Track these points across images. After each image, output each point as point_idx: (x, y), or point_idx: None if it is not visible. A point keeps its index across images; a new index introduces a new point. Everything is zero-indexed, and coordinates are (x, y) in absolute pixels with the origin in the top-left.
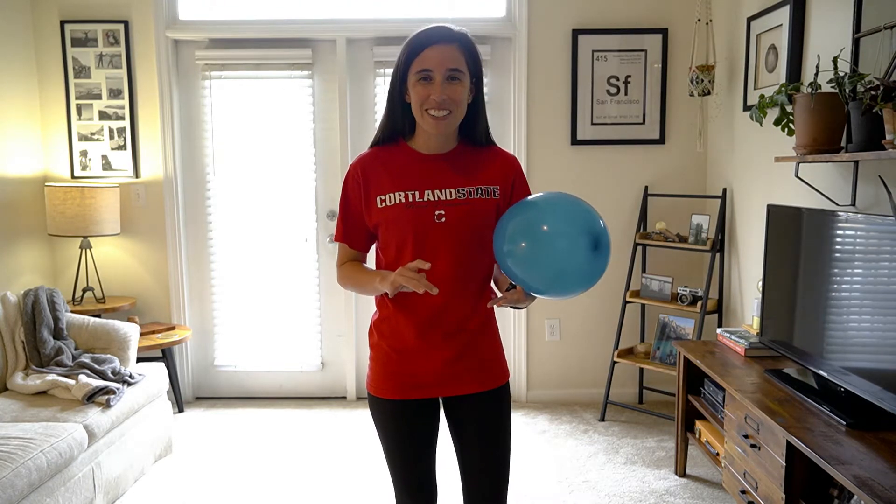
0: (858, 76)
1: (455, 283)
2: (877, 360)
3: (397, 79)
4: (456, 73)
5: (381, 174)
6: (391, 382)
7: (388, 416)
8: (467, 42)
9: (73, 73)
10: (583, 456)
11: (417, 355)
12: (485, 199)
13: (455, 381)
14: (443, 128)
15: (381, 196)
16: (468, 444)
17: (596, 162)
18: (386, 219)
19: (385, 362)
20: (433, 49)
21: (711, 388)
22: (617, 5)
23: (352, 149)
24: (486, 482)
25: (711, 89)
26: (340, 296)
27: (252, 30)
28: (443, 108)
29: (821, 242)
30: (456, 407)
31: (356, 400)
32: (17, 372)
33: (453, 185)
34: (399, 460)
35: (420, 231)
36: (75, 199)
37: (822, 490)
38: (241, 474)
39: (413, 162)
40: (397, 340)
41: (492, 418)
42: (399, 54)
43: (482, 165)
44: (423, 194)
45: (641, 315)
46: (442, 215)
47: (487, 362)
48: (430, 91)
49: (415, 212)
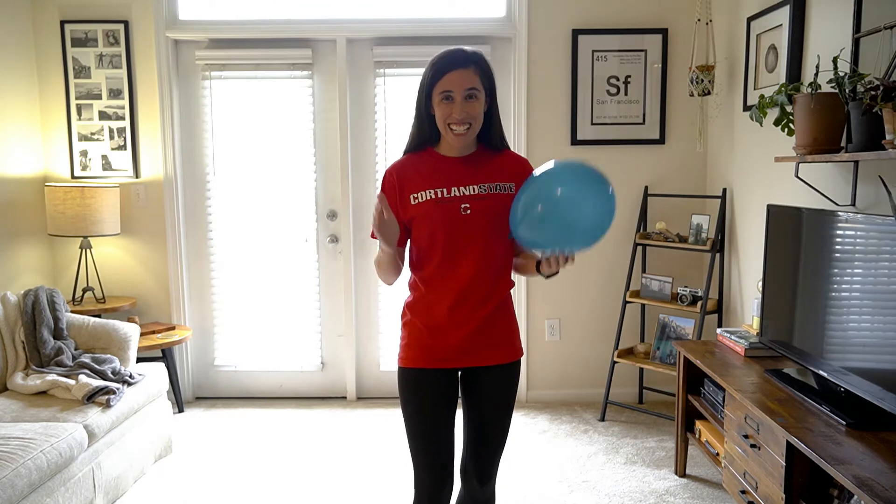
0: (858, 76)
1: (479, 266)
2: (877, 360)
3: (423, 95)
4: (473, 91)
5: (413, 176)
6: (423, 354)
7: (417, 383)
8: (482, 63)
9: (73, 73)
10: (583, 456)
11: (447, 330)
12: (503, 193)
13: (476, 353)
14: (463, 140)
15: (414, 194)
16: (477, 408)
17: (596, 162)
18: (419, 213)
19: (418, 337)
20: (453, 74)
21: (711, 388)
22: (617, 5)
23: (352, 149)
24: (488, 442)
25: (711, 89)
26: (340, 296)
27: (252, 30)
28: (463, 123)
29: (821, 242)
30: (473, 377)
31: (356, 400)
32: (17, 372)
33: (475, 181)
34: (422, 431)
35: (449, 222)
36: (75, 199)
37: (822, 490)
38: (241, 474)
39: (440, 164)
40: (430, 318)
41: (504, 389)
42: (423, 74)
43: (499, 166)
44: (450, 191)
45: (641, 315)
46: (467, 208)
47: (505, 338)
48: (451, 109)
49: (444, 206)
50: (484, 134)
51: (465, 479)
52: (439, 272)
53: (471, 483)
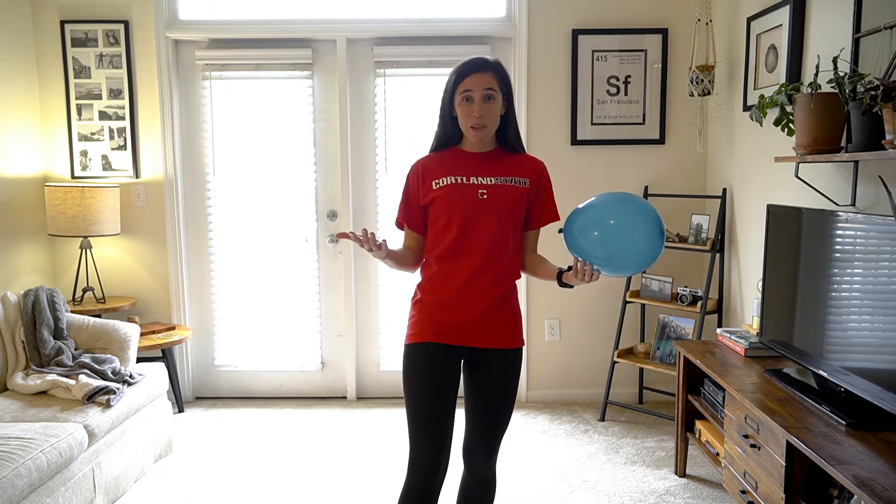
0: (858, 76)
1: (492, 248)
2: (877, 360)
3: (447, 97)
4: (490, 92)
5: (436, 166)
6: (432, 328)
7: (424, 356)
8: (500, 69)
9: (73, 73)
10: (583, 456)
11: (456, 306)
12: (517, 186)
13: (483, 334)
14: (481, 136)
15: (436, 180)
16: (483, 391)
17: (596, 162)
18: (439, 194)
19: (427, 313)
20: (474, 76)
21: (711, 388)
22: (617, 5)
23: (352, 149)
24: (488, 428)
25: (711, 89)
26: (340, 296)
27: (252, 30)
28: (481, 122)
29: (821, 242)
30: (477, 358)
31: (356, 400)
32: (17, 372)
33: (493, 174)
34: (425, 407)
35: (467, 204)
36: (75, 199)
37: (821, 490)
38: (241, 474)
39: (462, 158)
40: (441, 293)
41: (508, 373)
42: (448, 77)
43: (515, 164)
44: (468, 179)
45: (641, 315)
46: (484, 193)
47: (510, 324)
48: (471, 109)
49: (462, 189)
50: (501, 135)
51: (470, 459)
52: (453, 249)
53: (476, 461)
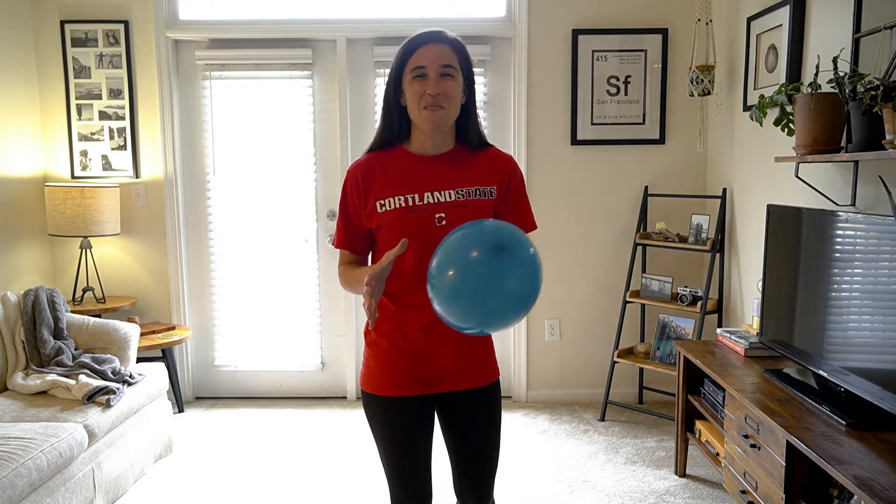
0: (858, 76)
1: None
2: (877, 360)
3: (392, 81)
4: (449, 69)
5: (380, 178)
6: (389, 379)
7: (386, 412)
8: (459, 45)
9: (73, 73)
10: (583, 456)
11: (420, 353)
12: (482, 199)
13: (454, 377)
14: (439, 121)
15: (381, 200)
16: (462, 438)
17: (596, 162)
18: (387, 222)
19: (383, 359)
20: (427, 48)
21: (711, 388)
22: (617, 5)
23: (352, 149)
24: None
25: (711, 89)
26: (340, 296)
27: (252, 30)
28: (437, 102)
29: (821, 242)
30: (451, 403)
31: (356, 400)
32: (17, 372)
33: (452, 185)
34: (396, 459)
35: (421, 234)
36: (75, 199)
37: (822, 490)
38: (241, 474)
39: (411, 164)
40: (399, 337)
41: (486, 413)
42: (394, 58)
43: (479, 166)
44: (422, 197)
45: (641, 315)
46: (442, 218)
47: (482, 358)
48: (425, 87)
49: (415, 215)
50: (460, 131)
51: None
52: (409, 287)
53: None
